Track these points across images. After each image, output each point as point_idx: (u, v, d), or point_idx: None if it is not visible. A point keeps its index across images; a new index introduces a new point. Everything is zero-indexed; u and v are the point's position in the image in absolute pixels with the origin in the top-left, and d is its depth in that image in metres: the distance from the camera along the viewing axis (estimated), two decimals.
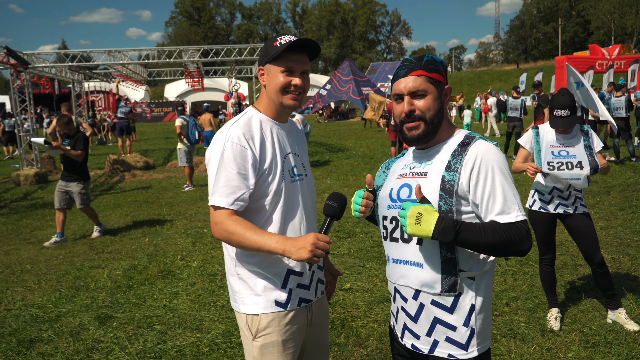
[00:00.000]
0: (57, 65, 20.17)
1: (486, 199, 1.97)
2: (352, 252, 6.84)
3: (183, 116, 12.90)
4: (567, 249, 6.51)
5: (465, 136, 2.11)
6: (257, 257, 2.27)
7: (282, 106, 2.31)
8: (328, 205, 2.19)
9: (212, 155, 2.25)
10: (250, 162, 2.20)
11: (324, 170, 14.98)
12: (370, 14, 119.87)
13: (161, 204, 11.18)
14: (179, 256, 7.02)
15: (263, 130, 2.29)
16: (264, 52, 2.31)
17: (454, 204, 1.98)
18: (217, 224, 2.20)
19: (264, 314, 2.29)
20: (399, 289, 2.15)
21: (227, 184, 2.18)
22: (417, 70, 2.07)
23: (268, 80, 2.30)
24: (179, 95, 57.16)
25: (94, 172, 16.98)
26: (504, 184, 1.97)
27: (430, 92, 2.06)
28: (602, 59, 39.13)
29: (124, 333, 4.74)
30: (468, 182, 1.98)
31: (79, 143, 8.02)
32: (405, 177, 2.15)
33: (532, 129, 4.69)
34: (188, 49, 20.11)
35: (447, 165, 2.02)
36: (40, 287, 6.14)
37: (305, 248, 2.03)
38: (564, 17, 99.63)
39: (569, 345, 4.17)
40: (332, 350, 4.27)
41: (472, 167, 1.97)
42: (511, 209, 1.96)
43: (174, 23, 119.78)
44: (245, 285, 2.32)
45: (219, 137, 2.25)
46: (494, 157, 2.00)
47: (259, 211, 2.27)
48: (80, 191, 8.17)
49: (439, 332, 2.06)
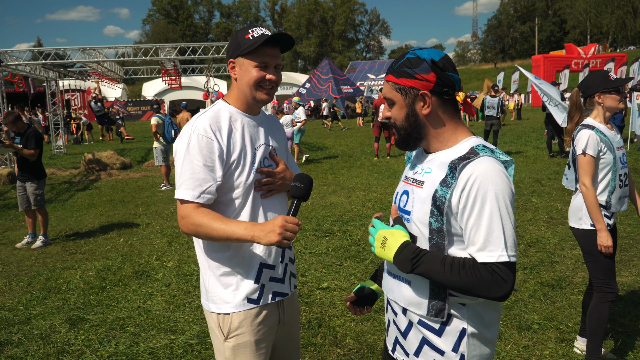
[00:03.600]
0: (31, 64, 19.81)
1: (469, 227, 1.71)
2: (330, 250, 6.79)
3: (159, 115, 12.75)
4: (543, 246, 6.54)
5: (471, 149, 1.81)
6: (228, 252, 2.22)
7: (254, 100, 2.26)
8: (294, 187, 2.18)
9: (178, 147, 2.19)
10: (217, 153, 2.15)
11: (303, 169, 14.92)
12: (349, 13, 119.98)
13: (137, 203, 11.03)
14: (155, 256, 6.91)
15: (232, 122, 2.24)
16: (235, 44, 2.24)
17: (444, 223, 1.76)
18: (184, 217, 2.14)
19: (236, 313, 2.23)
20: (391, 302, 2.02)
21: (193, 177, 2.12)
22: (388, 74, 1.91)
23: (240, 73, 2.24)
24: (157, 93, 56.59)
25: (69, 171, 16.73)
26: (493, 215, 1.69)
27: (397, 101, 1.87)
28: (578, 58, 39.76)
29: (96, 335, 4.63)
30: (457, 203, 1.73)
31: (31, 141, 7.63)
32: (408, 182, 1.97)
33: (586, 129, 3.58)
34: (165, 46, 19.88)
35: (443, 180, 1.78)
36: (11, 289, 6.00)
37: (274, 231, 1.99)
38: (540, 16, 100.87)
39: (546, 343, 4.17)
40: (308, 350, 4.22)
41: (463, 188, 1.71)
42: (495, 245, 1.68)
43: (151, 21, 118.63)
44: (216, 281, 2.26)
45: (186, 130, 2.20)
46: (494, 182, 1.70)
47: (229, 204, 2.22)
48: (34, 191, 7.79)
49: (426, 354, 1.88)
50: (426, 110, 1.83)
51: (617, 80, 3.59)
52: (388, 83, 1.90)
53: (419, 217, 1.82)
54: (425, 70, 1.81)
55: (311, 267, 6.14)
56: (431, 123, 1.86)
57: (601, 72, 3.67)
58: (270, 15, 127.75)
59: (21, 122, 7.86)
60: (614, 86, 3.57)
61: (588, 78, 3.71)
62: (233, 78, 2.29)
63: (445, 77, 1.82)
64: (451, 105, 1.87)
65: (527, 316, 4.64)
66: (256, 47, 2.16)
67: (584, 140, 3.54)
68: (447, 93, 1.84)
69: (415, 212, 1.84)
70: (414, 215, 1.84)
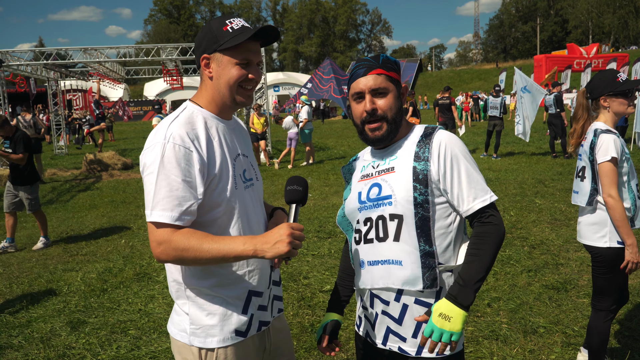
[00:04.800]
0: (32, 64, 19.76)
1: (455, 187, 1.97)
2: (332, 252, 6.74)
3: (160, 115, 12.72)
4: (547, 248, 6.49)
5: (426, 127, 2.10)
6: (212, 279, 1.94)
7: (233, 103, 1.99)
8: (293, 190, 1.97)
9: (147, 160, 1.84)
10: (197, 167, 1.83)
11: (305, 169, 14.90)
12: (350, 13, 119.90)
13: (139, 204, 10.98)
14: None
15: (208, 129, 1.94)
16: (210, 37, 1.94)
17: (429, 194, 1.96)
18: (162, 243, 1.79)
19: (221, 348, 1.97)
20: (378, 293, 2.07)
21: (171, 195, 1.79)
22: (377, 69, 2.03)
23: (218, 72, 1.95)
24: (158, 93, 56.63)
25: (71, 172, 16.70)
26: (470, 170, 1.99)
27: (391, 91, 2.04)
28: (580, 58, 39.61)
29: (97, 339, 4.59)
30: (437, 170, 1.97)
31: (19, 145, 7.51)
32: (372, 177, 2.10)
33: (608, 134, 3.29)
34: (166, 46, 19.83)
35: (416, 156, 2.00)
36: (11, 291, 5.96)
37: (283, 241, 1.75)
38: (542, 16, 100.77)
39: (552, 347, 4.12)
40: (311, 354, 4.18)
41: (438, 155, 1.98)
42: (482, 192, 1.99)
43: (153, 21, 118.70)
44: (199, 312, 1.96)
45: (156, 139, 1.85)
46: (457, 145, 2.01)
47: (211, 225, 1.92)
48: (28, 197, 7.69)
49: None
50: (404, 101, 2.11)
51: (626, 83, 3.33)
52: (380, 76, 2.03)
53: (403, 196, 1.97)
54: (398, 70, 2.10)
55: (313, 270, 6.10)
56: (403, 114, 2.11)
57: (610, 73, 3.42)
58: (272, 15, 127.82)
59: (9, 125, 7.73)
60: (622, 90, 3.33)
61: (595, 78, 3.49)
62: (207, 76, 1.99)
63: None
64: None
65: (533, 320, 4.58)
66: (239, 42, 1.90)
67: (610, 146, 3.23)
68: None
69: (398, 193, 1.99)
70: (398, 195, 1.99)
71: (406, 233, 1.97)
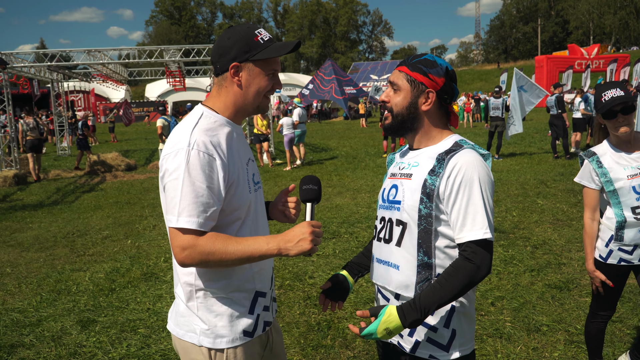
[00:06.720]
0: (35, 65, 19.86)
1: (455, 211, 1.94)
2: (337, 252, 6.81)
3: (164, 116, 12.80)
4: (550, 248, 6.56)
5: (455, 143, 2.06)
6: (222, 281, 1.99)
7: (256, 109, 2.07)
8: (308, 189, 2.04)
9: (170, 166, 1.87)
10: (221, 174, 1.88)
11: (308, 170, 14.96)
12: (351, 14, 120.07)
13: (143, 205, 11.06)
14: (162, 258, 6.95)
15: (227, 135, 1.99)
16: (242, 46, 1.96)
17: (432, 209, 1.97)
18: (187, 248, 1.83)
19: (231, 349, 2.02)
20: (381, 289, 2.19)
21: (197, 201, 1.83)
22: (403, 66, 2.13)
23: (249, 80, 1.99)
24: (160, 94, 56.76)
25: (74, 172, 16.78)
26: (476, 200, 1.92)
27: (404, 89, 2.09)
28: (581, 59, 39.70)
29: (107, 337, 4.66)
30: (444, 190, 1.96)
31: None
32: (395, 177, 2.17)
33: (588, 158, 3.26)
34: (169, 48, 19.93)
35: (432, 170, 2.00)
36: (20, 291, 6.04)
37: (306, 239, 1.83)
38: (543, 17, 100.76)
39: (555, 345, 4.19)
40: (318, 352, 4.25)
41: (449, 176, 1.95)
42: (480, 225, 1.91)
43: (154, 22, 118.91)
44: (207, 313, 2.01)
45: (179, 145, 1.88)
46: (477, 170, 1.95)
47: (227, 228, 1.97)
48: None
49: (420, 332, 2.06)
50: (426, 107, 2.07)
51: (605, 104, 3.07)
52: (401, 73, 2.11)
53: (410, 205, 2.02)
54: (438, 73, 2.06)
55: (319, 269, 6.17)
56: (427, 119, 2.10)
57: (600, 89, 3.15)
58: (273, 16, 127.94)
59: None
60: (602, 112, 3.11)
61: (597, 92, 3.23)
62: (234, 83, 2.01)
63: (451, 86, 2.10)
64: (445, 111, 2.14)
65: (536, 318, 4.66)
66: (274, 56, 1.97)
67: (581, 172, 3.32)
68: (445, 100, 2.11)
69: (406, 201, 2.04)
70: (405, 203, 2.04)
71: (408, 241, 2.03)
